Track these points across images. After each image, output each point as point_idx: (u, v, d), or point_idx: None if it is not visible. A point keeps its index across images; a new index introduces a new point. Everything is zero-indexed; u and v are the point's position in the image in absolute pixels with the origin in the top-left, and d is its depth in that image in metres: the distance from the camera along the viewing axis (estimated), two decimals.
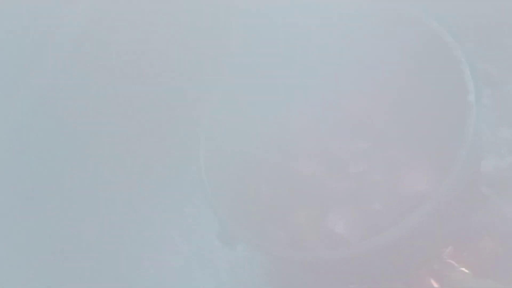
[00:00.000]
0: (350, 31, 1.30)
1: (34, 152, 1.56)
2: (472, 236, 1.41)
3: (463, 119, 1.04)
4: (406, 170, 1.21)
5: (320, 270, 1.18)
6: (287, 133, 1.43)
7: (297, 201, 1.33)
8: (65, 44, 1.42)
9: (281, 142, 1.44)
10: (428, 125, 1.22)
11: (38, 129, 1.54)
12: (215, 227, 2.09)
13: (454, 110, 1.09)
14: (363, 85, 1.31)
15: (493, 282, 1.50)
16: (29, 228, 1.61)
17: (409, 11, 1.24)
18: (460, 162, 0.97)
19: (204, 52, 1.58)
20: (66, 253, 1.84)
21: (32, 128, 1.52)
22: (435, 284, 1.47)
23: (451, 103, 1.12)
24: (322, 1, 1.32)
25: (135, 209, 2.28)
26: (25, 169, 1.57)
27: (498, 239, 1.48)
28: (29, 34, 1.42)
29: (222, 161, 1.37)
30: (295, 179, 1.32)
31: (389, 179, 1.23)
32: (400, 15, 1.24)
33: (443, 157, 1.14)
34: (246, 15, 1.45)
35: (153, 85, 1.63)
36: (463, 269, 1.49)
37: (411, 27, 1.21)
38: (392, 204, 1.20)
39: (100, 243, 2.11)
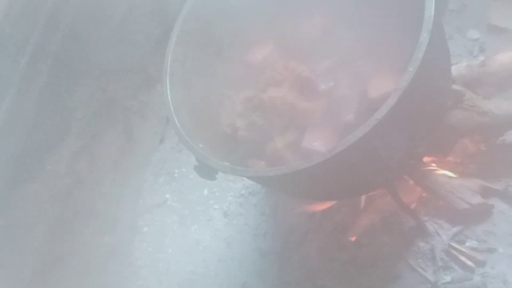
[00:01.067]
0: None
1: None
2: (451, 136, 1.42)
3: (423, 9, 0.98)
4: (372, 79, 1.19)
5: (299, 186, 1.18)
6: (254, 65, 1.41)
7: (273, 130, 1.32)
8: None
9: (249, 75, 1.43)
10: (389, 29, 1.19)
11: None
12: (204, 181, 2.13)
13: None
14: (322, 4, 1.29)
15: (480, 180, 1.51)
16: None
17: None
18: (421, 52, 0.93)
19: None
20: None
21: None
22: (418, 188, 1.49)
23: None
24: None
25: (125, 173, 2.30)
26: None
27: (478, 137, 1.48)
28: None
29: (191, 103, 1.36)
30: (268, 109, 1.31)
31: (357, 90, 1.22)
32: None
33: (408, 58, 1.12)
34: None
35: None
36: (447, 172, 1.50)
37: None
38: (364, 113, 1.19)
39: (95, 212, 2.13)
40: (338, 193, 1.29)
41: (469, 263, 1.41)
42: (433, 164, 1.54)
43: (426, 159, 1.48)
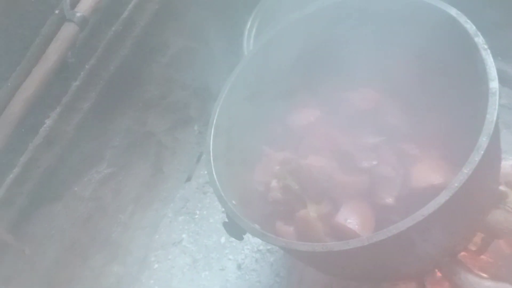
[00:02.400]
0: (363, 19, 1.28)
1: None
2: (489, 237, 1.37)
3: (483, 109, 0.98)
4: (418, 164, 1.16)
5: (329, 264, 1.14)
6: (297, 129, 1.41)
7: (307, 197, 1.30)
8: None
9: (291, 138, 1.42)
10: (443, 116, 1.17)
11: None
12: (222, 228, 2.09)
13: (473, 99, 1.04)
14: (374, 77, 1.28)
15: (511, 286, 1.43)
16: None
17: None
18: (478, 155, 0.91)
19: None
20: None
21: None
22: (446, 283, 1.42)
23: (469, 92, 1.07)
24: None
25: (146, 206, 2.29)
26: None
27: None
28: None
29: (230, 155, 1.36)
30: (305, 175, 1.29)
31: (401, 173, 1.19)
32: (417, 3, 1.18)
33: (459, 151, 1.10)
34: None
35: None
36: (479, 272, 1.43)
37: (429, 14, 1.16)
38: (405, 198, 1.16)
39: (110, 240, 2.11)
40: (364, 276, 1.24)
41: None
42: (464, 260, 1.47)
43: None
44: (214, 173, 1.22)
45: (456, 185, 0.87)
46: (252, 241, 2.06)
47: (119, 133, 2.06)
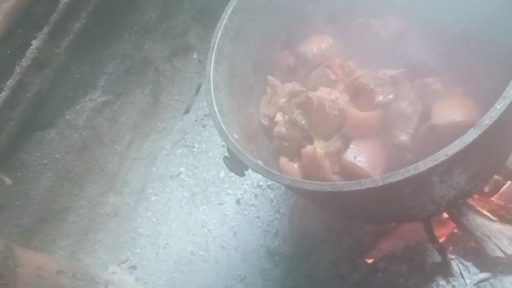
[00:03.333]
0: None
1: None
2: (502, 176, 1.30)
3: None
4: (439, 100, 1.06)
5: (335, 204, 1.07)
6: (307, 58, 1.28)
7: (315, 133, 1.20)
8: None
9: (300, 67, 1.30)
10: (472, 50, 1.05)
11: None
12: (223, 162, 2.02)
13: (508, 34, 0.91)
14: (400, 2, 1.14)
15: None
16: None
17: None
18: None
19: None
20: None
21: None
22: (452, 223, 1.37)
23: (503, 27, 0.94)
24: None
25: (144, 137, 2.21)
26: None
27: None
28: None
29: (232, 85, 1.25)
30: (314, 109, 1.18)
31: (418, 110, 1.09)
32: None
33: (486, 89, 0.99)
34: None
35: None
36: (487, 213, 1.38)
37: None
38: (422, 137, 1.07)
39: (106, 170, 2.06)
40: (370, 218, 1.18)
41: None
42: (474, 202, 1.42)
43: None
44: (214, 104, 1.12)
45: (486, 122, 0.77)
46: (252, 176, 2.00)
47: (114, 59, 1.92)
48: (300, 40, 1.30)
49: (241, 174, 1.13)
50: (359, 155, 1.11)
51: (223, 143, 2.18)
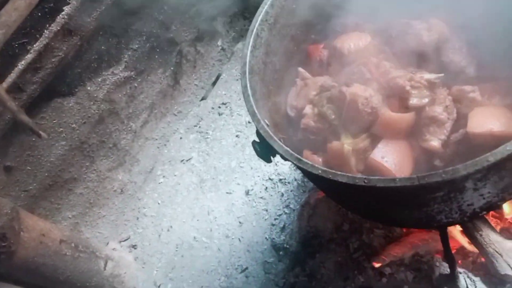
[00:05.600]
0: None
1: None
2: None
3: None
4: (477, 109, 1.05)
5: (358, 200, 1.06)
6: (344, 54, 1.27)
7: (343, 129, 1.19)
8: None
9: (335, 60, 1.30)
10: None
11: None
12: (236, 152, 2.01)
13: None
14: (444, 5, 1.13)
15: None
16: None
17: None
18: None
19: None
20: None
21: None
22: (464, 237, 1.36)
23: None
24: None
25: (160, 117, 2.20)
26: None
27: None
28: None
29: (266, 71, 1.24)
30: (346, 105, 1.17)
31: (453, 116, 1.08)
32: None
33: None
34: None
35: None
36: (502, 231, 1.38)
37: None
38: (453, 144, 1.06)
39: (118, 146, 2.05)
40: (392, 220, 1.17)
41: None
42: (489, 217, 1.41)
43: None
44: (249, 88, 1.11)
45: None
46: (264, 169, 2.00)
47: (141, 35, 1.91)
48: (337, 35, 1.28)
49: (269, 160, 1.12)
50: (387, 156, 1.10)
51: (238, 133, 2.18)
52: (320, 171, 0.93)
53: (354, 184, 0.87)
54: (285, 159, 1.02)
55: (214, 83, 2.32)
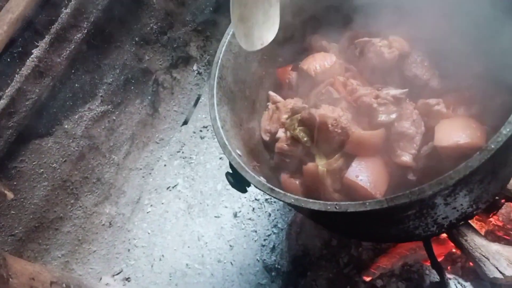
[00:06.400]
0: None
1: None
2: (501, 197, 1.30)
3: None
4: (443, 121, 1.06)
5: (337, 222, 1.06)
6: (310, 75, 1.28)
7: (316, 150, 1.20)
8: None
9: (303, 84, 1.31)
10: (476, 73, 1.05)
11: None
12: (221, 175, 2.01)
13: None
14: (403, 23, 1.15)
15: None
16: None
17: None
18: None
19: None
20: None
21: None
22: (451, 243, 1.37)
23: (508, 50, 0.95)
24: None
25: (142, 147, 2.20)
26: None
27: None
28: None
29: (235, 100, 1.24)
30: (317, 126, 1.18)
31: (421, 130, 1.09)
32: None
33: (491, 111, 0.99)
34: None
35: None
36: (486, 234, 1.38)
37: None
38: (424, 157, 1.07)
39: (102, 180, 2.04)
40: (373, 237, 1.18)
41: None
42: (472, 222, 1.42)
43: None
44: (218, 120, 1.12)
45: (492, 147, 0.78)
46: (250, 190, 1.97)
47: (114, 69, 1.92)
48: (303, 57, 1.30)
49: (244, 190, 1.12)
50: (361, 174, 1.11)
51: (221, 155, 2.18)
52: (292, 200, 0.93)
53: (326, 211, 0.88)
54: (259, 189, 1.02)
55: (195, 104, 2.33)
